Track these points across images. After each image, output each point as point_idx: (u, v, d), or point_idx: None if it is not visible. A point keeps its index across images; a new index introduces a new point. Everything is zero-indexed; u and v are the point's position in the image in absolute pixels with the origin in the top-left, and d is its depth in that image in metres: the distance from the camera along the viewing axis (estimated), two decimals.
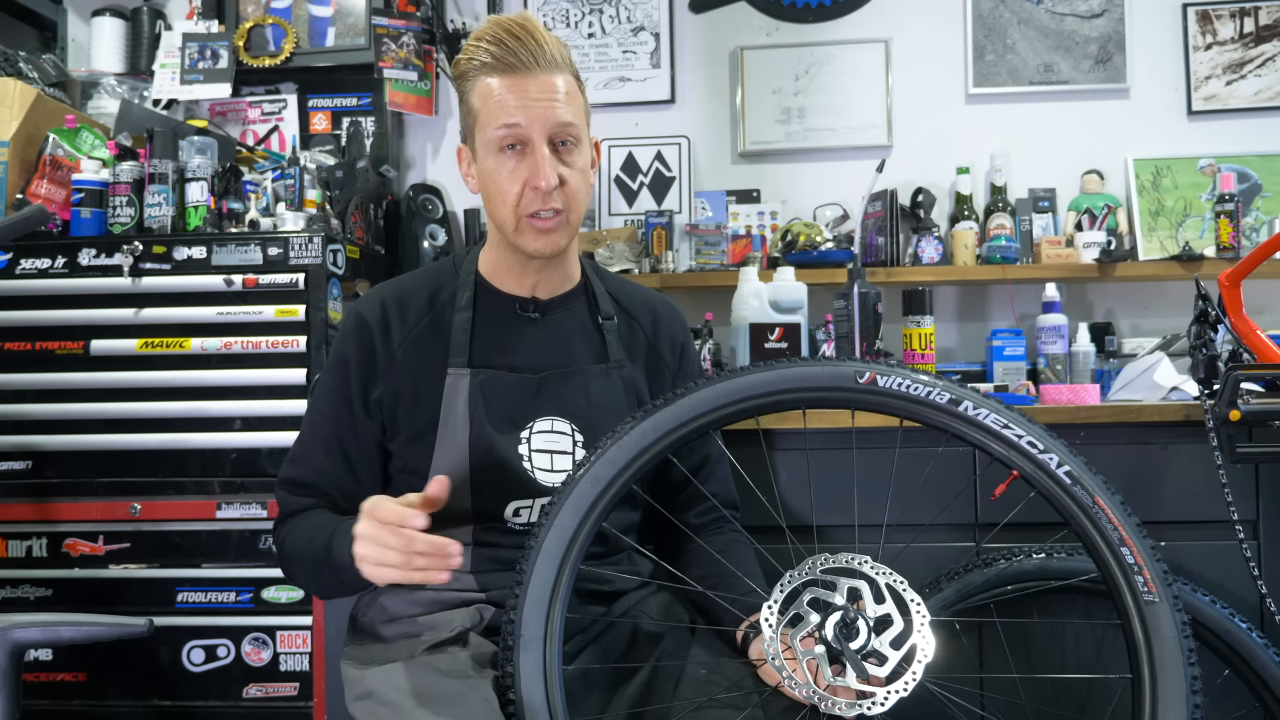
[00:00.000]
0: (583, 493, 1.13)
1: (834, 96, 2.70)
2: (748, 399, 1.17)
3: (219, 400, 2.07)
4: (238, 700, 2.03)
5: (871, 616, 1.10)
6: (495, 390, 1.29)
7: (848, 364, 1.17)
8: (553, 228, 1.26)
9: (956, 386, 1.16)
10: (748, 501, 1.49)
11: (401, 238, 2.65)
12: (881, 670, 1.08)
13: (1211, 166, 2.59)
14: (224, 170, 2.24)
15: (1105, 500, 1.12)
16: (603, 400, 1.33)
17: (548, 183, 1.22)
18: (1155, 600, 1.10)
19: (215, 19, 2.74)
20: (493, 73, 1.23)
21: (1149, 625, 1.10)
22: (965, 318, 2.66)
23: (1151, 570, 1.11)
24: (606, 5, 2.78)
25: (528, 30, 1.23)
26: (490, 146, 1.24)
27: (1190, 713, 1.07)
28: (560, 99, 1.23)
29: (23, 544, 2.09)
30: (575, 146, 1.27)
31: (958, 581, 1.69)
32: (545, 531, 1.14)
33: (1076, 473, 1.13)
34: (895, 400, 1.16)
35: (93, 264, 2.11)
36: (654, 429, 1.15)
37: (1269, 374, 1.56)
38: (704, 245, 2.58)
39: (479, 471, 1.26)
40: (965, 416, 1.14)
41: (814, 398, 1.18)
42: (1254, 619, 1.68)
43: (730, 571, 1.31)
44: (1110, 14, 2.65)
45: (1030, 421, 1.16)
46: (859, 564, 1.13)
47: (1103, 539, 1.12)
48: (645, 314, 1.43)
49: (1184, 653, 1.09)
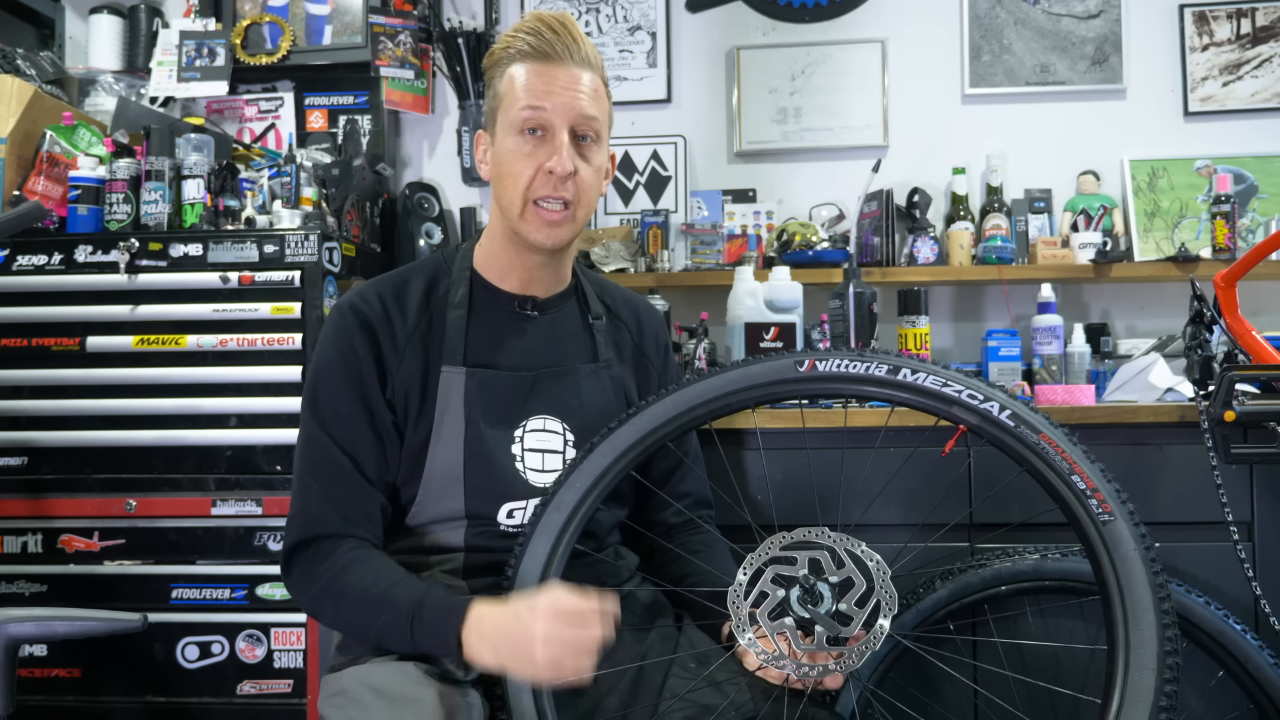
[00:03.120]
0: (551, 519, 1.20)
1: (830, 97, 2.70)
2: (696, 408, 1.22)
3: (215, 397, 2.07)
4: (232, 697, 2.03)
5: (834, 582, 1.14)
6: (490, 389, 1.29)
7: (787, 356, 1.22)
8: (558, 220, 1.26)
9: (894, 357, 1.20)
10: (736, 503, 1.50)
11: (398, 236, 2.65)
12: (850, 629, 1.12)
13: (1208, 168, 2.59)
14: (220, 168, 2.24)
15: (1050, 434, 1.16)
16: (593, 399, 1.34)
17: (562, 168, 1.23)
18: (1111, 518, 1.14)
19: (212, 17, 2.74)
20: (525, 59, 1.26)
21: (1109, 543, 1.14)
22: (961, 318, 2.66)
23: (1104, 491, 1.14)
24: (603, 4, 2.79)
25: (565, 26, 1.26)
26: (512, 128, 1.25)
27: (1160, 618, 1.10)
28: (586, 93, 1.25)
29: (18, 540, 2.09)
30: (594, 144, 1.28)
31: (953, 582, 1.70)
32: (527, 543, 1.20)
33: (1019, 413, 1.17)
34: (838, 382, 1.21)
35: (89, 261, 2.11)
36: (612, 450, 1.22)
37: (1264, 375, 1.57)
38: (700, 244, 2.58)
39: (473, 472, 1.26)
40: (906, 384, 1.19)
41: (761, 395, 1.23)
42: (1248, 621, 1.69)
43: (713, 566, 1.32)
44: (1107, 15, 2.66)
45: (967, 376, 1.20)
46: (815, 536, 1.17)
47: (1053, 471, 1.16)
48: (630, 315, 1.46)
49: (1146, 562, 1.12)
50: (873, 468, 1.69)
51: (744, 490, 1.77)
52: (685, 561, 1.35)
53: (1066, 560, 1.67)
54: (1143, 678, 1.09)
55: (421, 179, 2.79)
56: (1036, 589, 1.70)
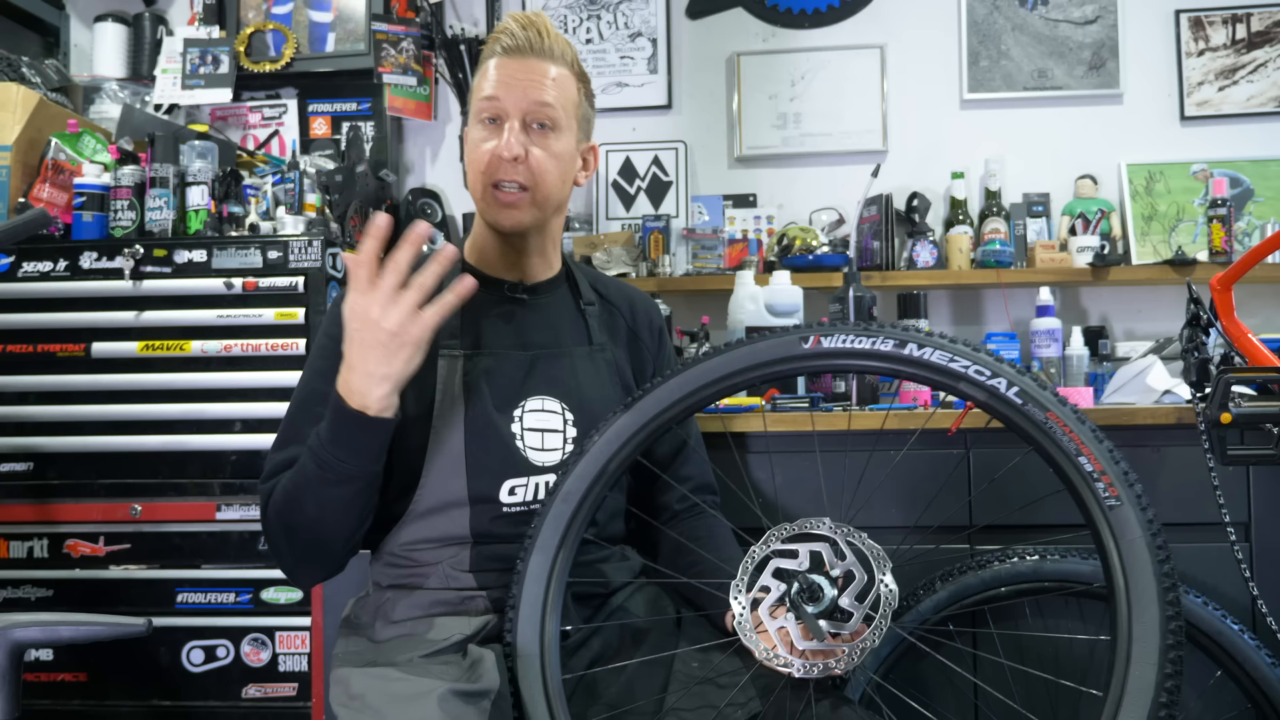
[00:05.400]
0: (559, 510, 1.20)
1: (829, 102, 2.72)
2: (701, 389, 1.20)
3: (219, 403, 2.08)
4: (237, 700, 2.04)
5: (836, 575, 1.12)
6: (489, 371, 1.31)
7: (791, 332, 1.19)
8: (514, 202, 1.30)
9: (899, 331, 1.17)
10: (745, 504, 1.51)
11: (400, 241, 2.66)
12: (848, 626, 1.10)
13: (1204, 171, 2.60)
14: (224, 174, 2.26)
15: (1058, 413, 1.12)
16: (589, 381, 1.36)
17: (509, 152, 1.27)
18: (1118, 503, 1.09)
19: (216, 25, 2.76)
20: (494, 55, 1.31)
21: (1115, 529, 1.09)
22: (960, 321, 2.67)
23: (1112, 474, 1.10)
24: (605, 11, 2.81)
25: (534, 22, 1.31)
26: (475, 118, 1.32)
27: (1164, 610, 1.07)
28: (544, 83, 1.30)
29: (24, 545, 2.10)
30: (551, 131, 1.31)
31: (953, 583, 1.70)
32: (535, 534, 1.20)
33: (1026, 389, 1.13)
34: (843, 358, 1.18)
35: (94, 267, 2.13)
36: (617, 435, 1.21)
37: (1260, 377, 1.57)
38: (700, 249, 2.60)
39: (474, 452, 1.27)
40: (911, 358, 1.16)
41: (766, 373, 1.20)
42: (1246, 621, 1.69)
43: (718, 553, 1.33)
44: (1104, 20, 2.67)
45: (975, 350, 1.16)
46: (816, 527, 1.15)
47: (1060, 451, 1.12)
48: (623, 302, 1.49)
49: (1153, 550, 1.08)
50: (871, 469, 1.70)
51: (745, 492, 1.78)
52: (690, 552, 1.36)
53: (1066, 561, 1.68)
54: (1144, 672, 1.06)
55: (424, 184, 2.81)
56: (1036, 590, 1.71)
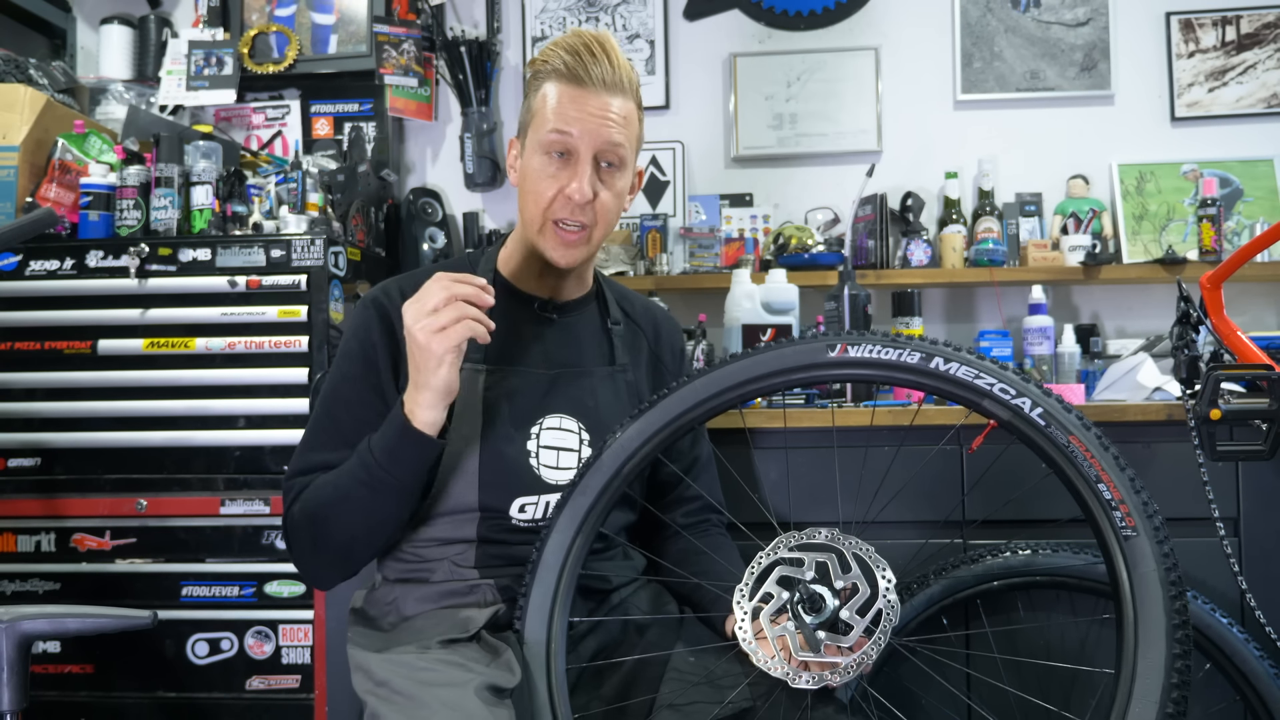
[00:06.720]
0: (577, 503, 1.20)
1: (825, 103, 2.75)
2: (726, 391, 1.19)
3: (223, 399, 2.11)
4: (241, 692, 2.07)
5: (839, 587, 1.11)
6: (509, 387, 1.31)
7: (818, 339, 1.19)
8: (574, 241, 1.29)
9: (927, 345, 1.16)
10: (742, 498, 1.53)
11: (401, 240, 2.69)
12: (847, 639, 1.09)
13: (1194, 171, 2.63)
14: (228, 174, 2.28)
15: (1081, 437, 1.11)
16: (608, 402, 1.36)
17: (581, 195, 1.26)
18: (1134, 534, 1.08)
19: (220, 27, 2.78)
20: (560, 79, 1.27)
21: (1130, 560, 1.07)
22: (953, 319, 2.70)
23: (1131, 504, 1.09)
24: (603, 13, 2.83)
25: (604, 49, 1.27)
26: (539, 147, 1.28)
27: (1171, 648, 1.05)
28: (615, 120, 1.27)
29: (31, 539, 2.13)
30: (618, 170, 1.30)
31: (946, 577, 1.73)
32: (551, 527, 1.20)
33: (1051, 411, 1.12)
34: (869, 369, 1.17)
35: (100, 266, 2.15)
36: (639, 433, 1.20)
37: (1249, 374, 1.59)
38: (698, 248, 2.62)
39: (488, 467, 1.28)
40: (938, 373, 1.15)
41: (791, 379, 1.20)
42: (1235, 614, 1.70)
43: (717, 568, 1.34)
44: (1095, 22, 2.70)
45: (1001, 369, 1.15)
46: (824, 538, 1.15)
47: (1080, 476, 1.11)
48: (648, 323, 1.48)
49: (1165, 585, 1.06)
50: (870, 467, 1.72)
51: (754, 491, 1.80)
52: (693, 562, 1.37)
53: (1057, 555, 1.71)
54: (1145, 710, 1.03)
55: (425, 184, 2.83)
56: (1028, 584, 1.74)
